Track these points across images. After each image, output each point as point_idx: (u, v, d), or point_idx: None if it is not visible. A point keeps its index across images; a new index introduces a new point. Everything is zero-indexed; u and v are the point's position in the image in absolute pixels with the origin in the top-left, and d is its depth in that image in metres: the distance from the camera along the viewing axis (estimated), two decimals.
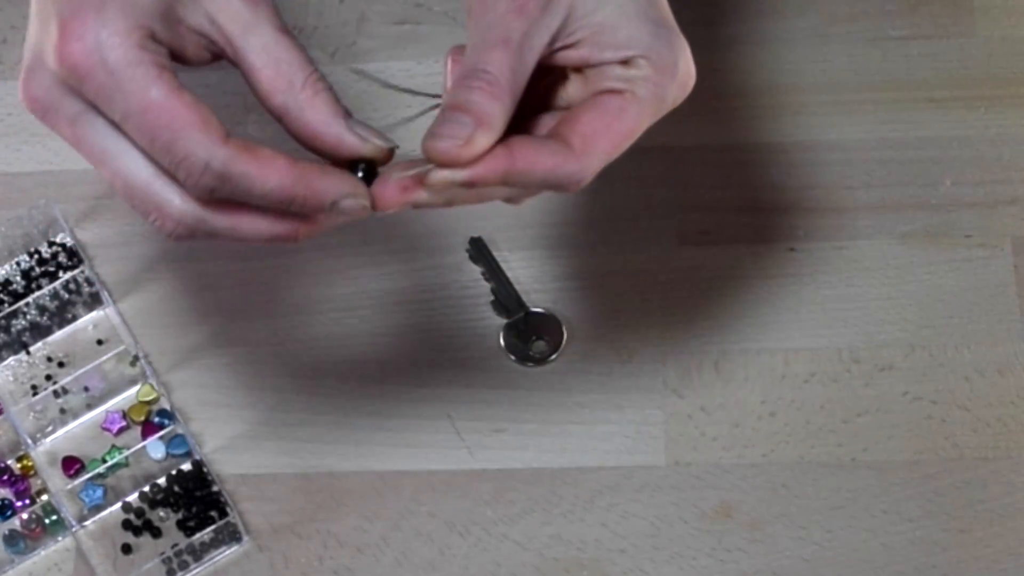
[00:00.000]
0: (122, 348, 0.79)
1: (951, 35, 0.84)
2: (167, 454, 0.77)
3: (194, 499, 0.76)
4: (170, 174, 0.54)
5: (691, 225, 0.80)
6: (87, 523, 0.76)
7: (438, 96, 0.60)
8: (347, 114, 0.57)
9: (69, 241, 0.82)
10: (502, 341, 0.78)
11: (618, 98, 0.57)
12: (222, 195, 0.54)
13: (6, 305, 0.80)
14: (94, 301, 0.81)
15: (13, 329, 0.80)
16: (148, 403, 0.78)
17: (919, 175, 0.81)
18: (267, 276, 0.81)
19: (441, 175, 0.56)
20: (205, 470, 0.76)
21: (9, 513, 0.77)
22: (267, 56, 0.55)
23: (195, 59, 0.57)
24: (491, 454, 0.76)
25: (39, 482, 0.77)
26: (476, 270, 0.79)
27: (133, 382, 0.79)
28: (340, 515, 0.76)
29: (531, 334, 0.78)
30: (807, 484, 0.75)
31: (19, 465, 0.78)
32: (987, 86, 0.82)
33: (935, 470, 0.75)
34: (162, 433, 0.77)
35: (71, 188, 0.83)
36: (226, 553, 0.75)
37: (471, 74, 0.56)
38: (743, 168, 0.81)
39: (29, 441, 0.78)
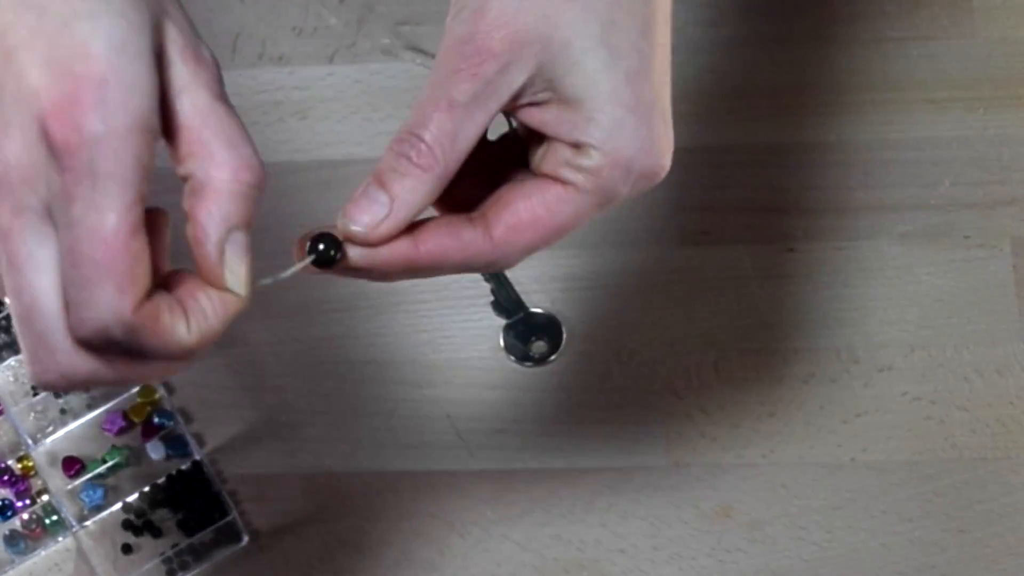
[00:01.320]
0: None
1: (950, 36, 0.84)
2: (167, 454, 0.77)
3: (194, 499, 0.76)
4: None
5: (691, 225, 0.80)
6: (87, 523, 0.76)
7: None
8: (245, 227, 0.50)
9: None
10: (502, 341, 0.78)
11: (558, 189, 0.52)
12: (101, 349, 0.48)
13: (6, 306, 0.80)
14: None
15: (13, 329, 0.80)
16: (148, 403, 0.78)
17: (918, 176, 0.81)
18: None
19: (346, 261, 0.52)
20: (205, 470, 0.76)
21: (9, 513, 0.77)
22: (194, 121, 0.49)
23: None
24: (491, 454, 0.76)
25: (39, 482, 0.77)
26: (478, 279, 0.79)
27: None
28: (340, 515, 0.76)
29: (531, 334, 0.78)
30: (806, 484, 0.75)
31: (19, 465, 0.78)
32: (986, 87, 0.82)
33: (934, 470, 0.75)
34: (162, 433, 0.77)
35: None
36: (226, 553, 0.75)
37: (405, 139, 0.52)
38: (743, 168, 0.81)
39: (29, 441, 0.78)
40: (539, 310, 0.79)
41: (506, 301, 0.77)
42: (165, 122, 0.49)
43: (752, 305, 0.79)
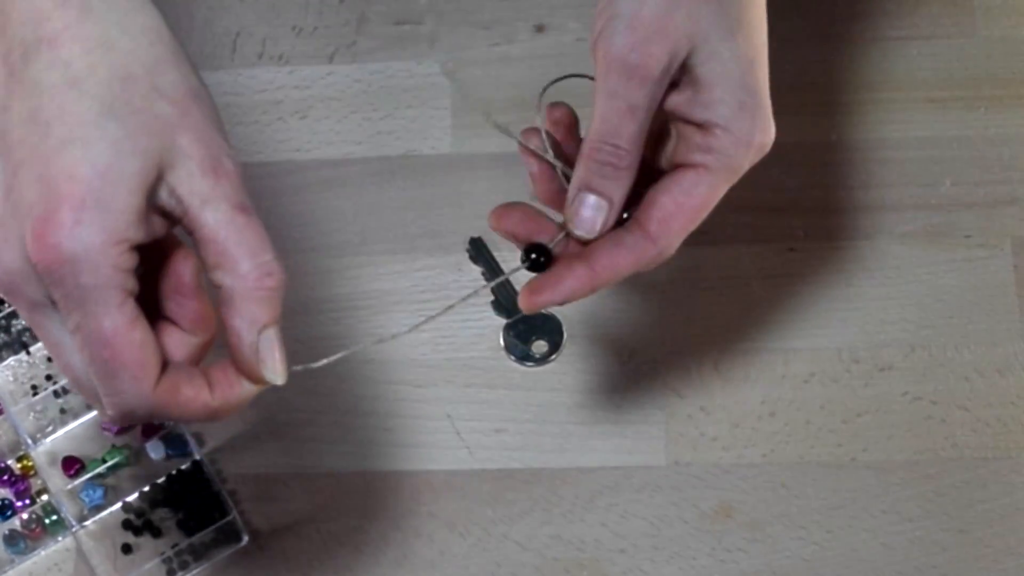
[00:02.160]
0: None
1: (951, 35, 0.84)
2: (167, 454, 0.77)
3: (194, 499, 0.76)
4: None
5: None
6: (87, 523, 0.76)
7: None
8: (272, 324, 0.56)
9: None
10: (502, 341, 0.78)
11: (691, 174, 0.60)
12: (136, 420, 0.55)
13: (6, 305, 0.80)
14: None
15: (13, 329, 0.80)
16: None
17: (919, 175, 0.81)
18: None
19: (531, 302, 0.60)
20: (205, 470, 0.76)
21: (9, 513, 0.77)
22: (219, 233, 0.54)
23: (158, 234, 0.55)
24: (491, 454, 0.76)
25: (39, 482, 0.77)
26: (476, 270, 0.78)
27: None
28: (340, 515, 0.76)
29: (531, 334, 0.78)
30: (807, 484, 0.75)
31: (19, 465, 0.78)
32: (987, 86, 0.82)
33: (935, 470, 0.75)
34: (162, 433, 0.77)
35: None
36: (226, 553, 0.75)
37: (602, 147, 0.59)
38: None
39: (29, 441, 0.78)
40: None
41: (506, 301, 0.77)
42: (193, 233, 0.55)
43: (752, 305, 0.79)
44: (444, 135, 0.83)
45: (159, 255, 0.56)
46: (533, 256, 0.61)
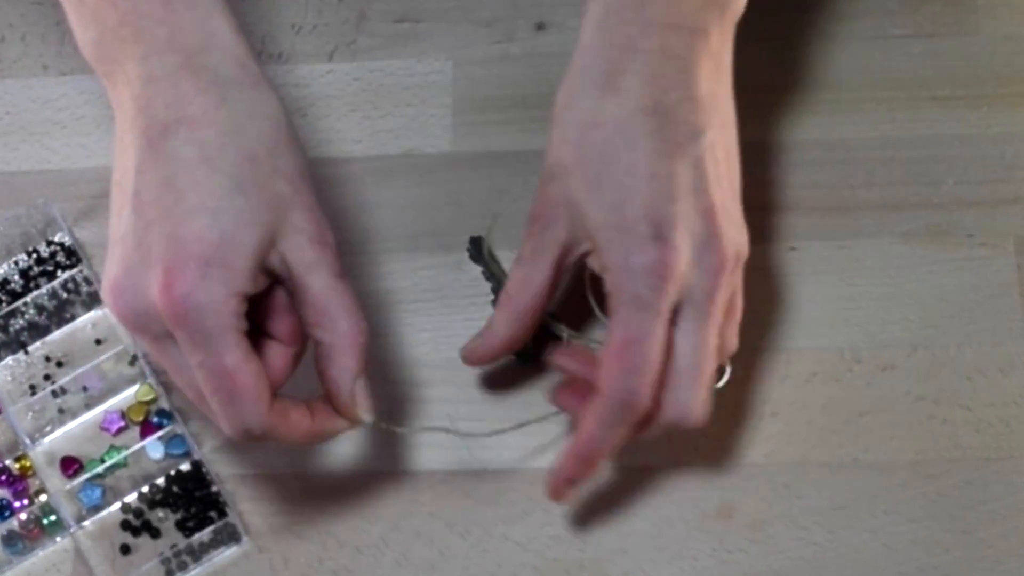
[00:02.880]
0: (121, 348, 0.79)
1: (954, 33, 0.84)
2: (166, 454, 0.77)
3: (193, 499, 0.76)
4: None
5: None
6: (85, 523, 0.76)
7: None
8: (362, 372, 0.67)
9: (67, 240, 0.82)
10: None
11: (610, 320, 0.66)
12: (251, 439, 0.66)
13: (4, 304, 0.80)
14: (92, 300, 0.81)
15: (11, 329, 0.80)
16: (147, 403, 0.78)
17: (921, 174, 0.81)
18: None
19: (554, 491, 0.70)
20: (204, 470, 0.76)
21: (7, 514, 0.76)
22: (321, 296, 0.65)
23: (263, 288, 0.65)
24: (491, 454, 0.76)
25: (37, 482, 0.77)
26: (476, 270, 0.78)
27: (132, 382, 0.79)
28: (340, 515, 0.76)
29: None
30: (808, 484, 0.75)
31: (17, 465, 0.77)
32: (990, 85, 0.82)
33: (937, 470, 0.74)
34: (161, 433, 0.77)
35: (69, 187, 0.83)
36: (225, 554, 0.75)
37: (501, 297, 0.71)
38: (744, 167, 0.80)
39: (27, 441, 0.77)
40: None
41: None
42: (296, 294, 0.65)
43: (754, 304, 0.78)
44: (444, 134, 0.83)
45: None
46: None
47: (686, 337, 0.65)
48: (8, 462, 0.78)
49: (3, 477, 0.77)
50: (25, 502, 0.77)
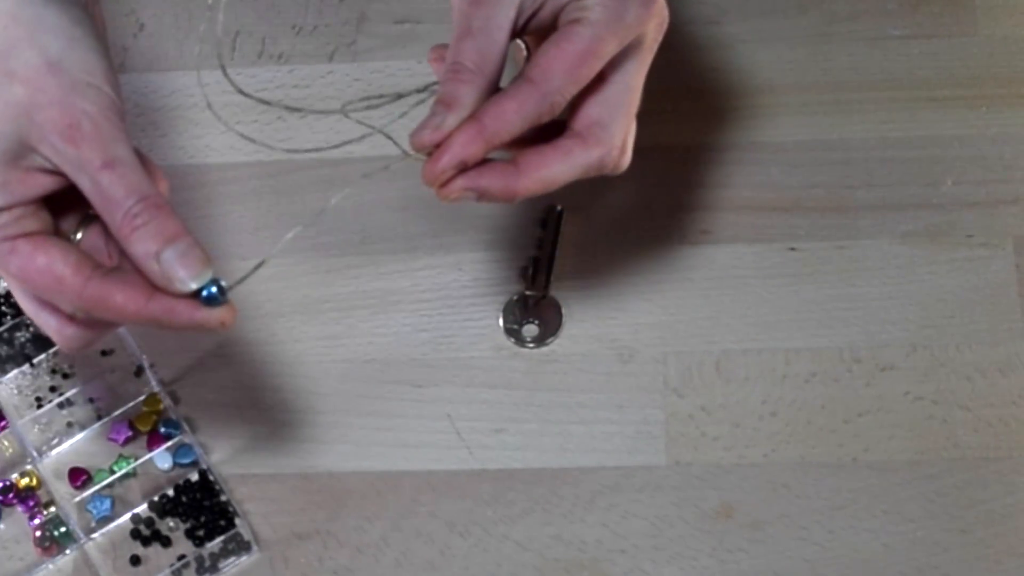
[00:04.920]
0: (127, 358, 0.79)
1: (952, 34, 0.84)
2: (174, 464, 0.77)
3: (202, 508, 0.75)
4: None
5: (691, 225, 0.80)
6: (95, 535, 0.76)
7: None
8: (166, 245, 0.59)
9: None
10: (501, 321, 0.78)
11: (573, 24, 0.61)
12: (100, 328, 0.62)
13: (8, 318, 0.80)
14: None
15: (16, 342, 0.80)
16: (154, 413, 0.78)
17: (920, 174, 0.81)
18: (268, 277, 0.81)
19: (429, 170, 0.62)
20: (212, 479, 0.76)
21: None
22: (93, 194, 0.59)
23: (55, 189, 0.60)
24: (491, 454, 0.76)
25: (46, 494, 0.77)
26: (476, 270, 0.78)
27: (138, 392, 0.79)
28: (340, 515, 0.76)
29: (530, 316, 0.78)
30: (808, 484, 0.75)
31: (23, 482, 0.77)
32: (989, 85, 0.82)
33: (936, 470, 0.74)
34: (169, 444, 0.77)
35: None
36: (236, 562, 0.75)
37: (446, 68, 0.62)
38: (743, 168, 0.81)
39: (35, 454, 0.77)
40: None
41: (539, 275, 0.77)
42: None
43: (753, 304, 0.79)
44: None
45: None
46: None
47: (623, 75, 0.64)
48: (14, 477, 0.77)
49: (10, 495, 0.77)
50: (39, 520, 0.76)
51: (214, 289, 0.59)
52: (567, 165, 0.62)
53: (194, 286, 0.59)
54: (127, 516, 0.76)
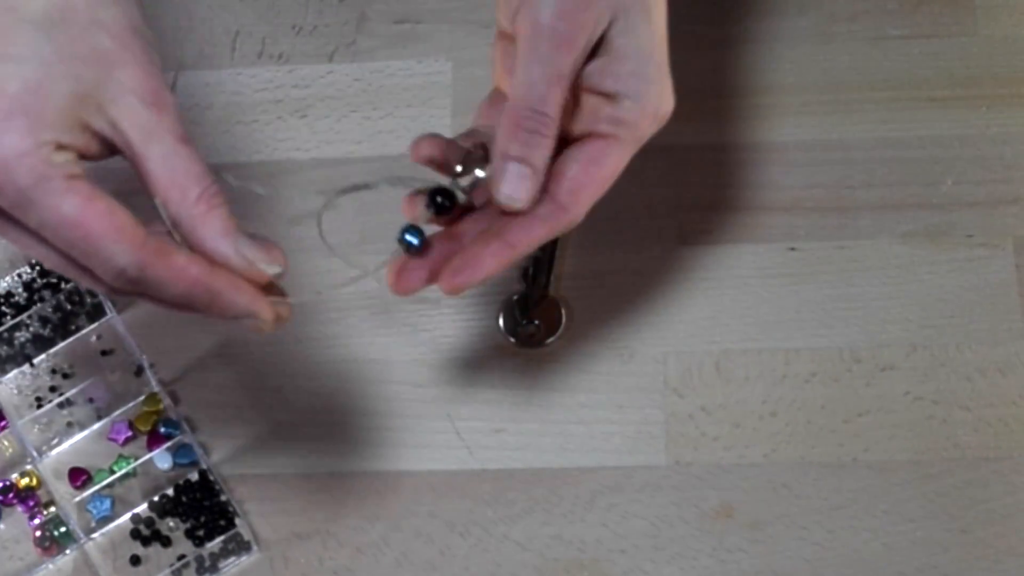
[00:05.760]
0: (127, 358, 0.79)
1: (952, 34, 0.84)
2: (174, 464, 0.77)
3: (202, 508, 0.75)
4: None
5: (691, 225, 0.80)
6: (95, 535, 0.76)
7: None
8: (238, 231, 0.58)
9: None
10: (501, 322, 0.78)
11: (601, 144, 0.61)
12: (137, 293, 0.57)
13: (9, 318, 0.80)
14: (97, 312, 0.80)
15: (16, 342, 0.80)
16: (154, 413, 0.78)
17: (920, 174, 0.81)
18: None
19: (451, 283, 0.61)
20: (212, 479, 0.76)
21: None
22: (164, 166, 0.56)
23: (98, 157, 0.58)
24: (491, 454, 0.76)
25: (46, 494, 0.77)
26: None
27: (138, 392, 0.79)
28: (340, 515, 0.76)
29: (530, 317, 0.78)
30: (808, 484, 0.75)
31: (23, 481, 0.77)
32: (988, 85, 0.82)
33: (936, 470, 0.74)
34: (169, 444, 0.77)
35: None
36: (236, 562, 0.75)
37: (531, 116, 0.60)
38: (743, 168, 0.81)
39: (35, 454, 0.77)
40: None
41: (538, 276, 0.77)
42: (138, 167, 0.57)
43: (753, 304, 0.79)
44: (444, 134, 0.83)
45: None
46: (438, 200, 0.61)
47: (612, 160, 0.62)
48: (14, 477, 0.77)
49: (11, 495, 0.77)
50: (39, 520, 0.76)
51: (415, 240, 0.61)
52: (547, 233, 0.61)
53: (272, 270, 0.58)
54: (127, 516, 0.76)
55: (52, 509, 0.76)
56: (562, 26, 0.59)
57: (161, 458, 0.77)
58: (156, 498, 0.76)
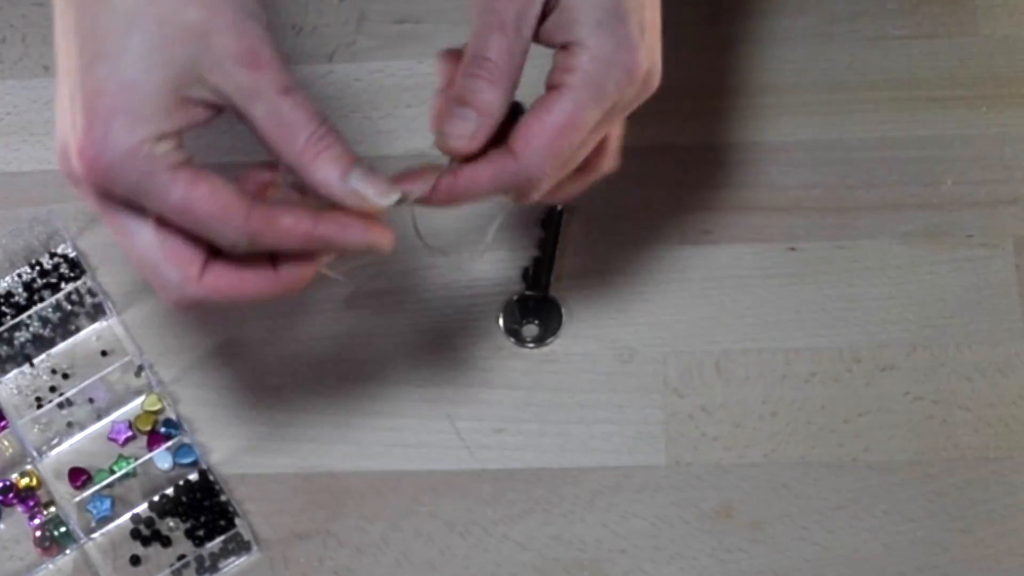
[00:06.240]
0: (127, 359, 0.79)
1: (953, 34, 0.84)
2: (174, 464, 0.77)
3: (202, 509, 0.75)
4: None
5: (691, 225, 0.80)
6: (95, 535, 0.76)
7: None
8: (351, 167, 0.59)
9: (71, 252, 0.81)
10: (501, 321, 0.78)
11: (554, 93, 0.60)
12: (259, 250, 0.60)
13: (8, 318, 0.80)
14: (97, 312, 0.80)
15: (16, 342, 0.80)
16: (154, 413, 0.78)
17: (920, 174, 0.81)
18: None
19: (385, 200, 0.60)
20: (212, 479, 0.76)
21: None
22: (270, 120, 0.58)
23: (208, 121, 0.59)
24: (491, 454, 0.76)
25: (45, 495, 0.77)
26: (476, 270, 0.79)
27: (138, 392, 0.79)
28: (340, 515, 0.76)
29: (530, 315, 0.78)
30: (808, 484, 0.75)
31: (23, 481, 0.77)
32: (989, 85, 0.82)
33: (936, 470, 0.74)
34: (169, 444, 0.77)
35: (70, 188, 0.83)
36: (236, 562, 0.75)
37: (472, 62, 0.61)
38: (743, 168, 0.81)
39: (35, 454, 0.77)
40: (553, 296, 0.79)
41: (539, 276, 0.77)
42: (246, 123, 0.58)
43: (753, 304, 0.79)
44: None
45: None
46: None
47: (594, 136, 0.63)
48: (14, 477, 0.77)
49: (11, 494, 0.77)
50: (39, 520, 0.76)
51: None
52: (492, 176, 0.61)
53: (386, 202, 0.59)
54: (127, 516, 0.76)
55: (52, 509, 0.76)
56: None
57: (161, 458, 0.77)
58: (156, 498, 0.76)
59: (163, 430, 0.78)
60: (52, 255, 0.82)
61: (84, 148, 0.57)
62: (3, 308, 0.80)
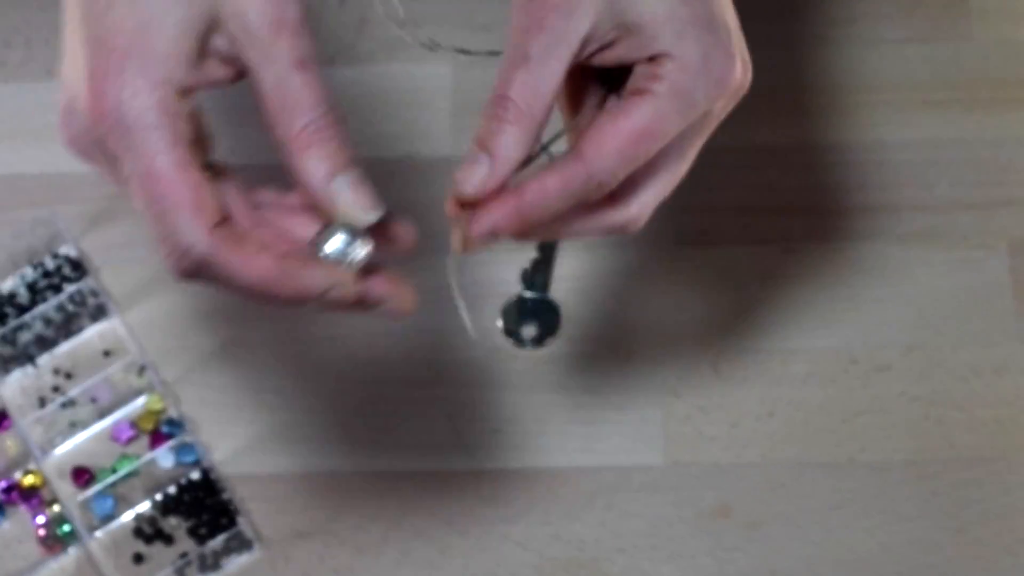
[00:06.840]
0: (129, 359, 0.79)
1: (948, 38, 0.84)
2: (176, 463, 0.77)
3: (204, 507, 0.76)
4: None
5: (690, 225, 0.80)
6: (98, 533, 0.76)
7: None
8: (342, 169, 0.56)
9: (73, 253, 0.82)
10: (499, 322, 0.79)
11: (636, 98, 0.56)
12: (201, 278, 0.55)
13: (12, 318, 0.80)
14: (100, 313, 0.81)
15: (20, 342, 0.80)
16: (156, 412, 0.78)
17: (916, 177, 0.81)
18: None
19: (456, 239, 0.59)
20: (213, 477, 0.76)
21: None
22: (276, 92, 0.55)
23: (224, 81, 0.56)
24: (491, 454, 0.76)
25: (49, 493, 0.77)
26: (476, 270, 0.79)
27: (140, 392, 0.79)
28: (341, 514, 0.76)
29: (529, 317, 0.78)
30: (805, 484, 0.75)
31: (27, 480, 0.77)
32: (984, 89, 0.83)
33: (932, 470, 0.75)
34: (171, 442, 0.77)
35: (73, 191, 0.83)
36: (237, 561, 0.75)
37: (494, 102, 0.56)
38: (742, 169, 0.81)
39: (38, 453, 0.77)
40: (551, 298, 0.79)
41: (537, 276, 0.77)
42: (254, 89, 0.55)
43: (751, 305, 0.79)
44: (444, 137, 0.83)
45: None
46: None
47: (677, 147, 0.59)
48: (18, 476, 0.77)
49: (14, 494, 0.77)
50: (42, 518, 0.77)
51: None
52: (561, 184, 0.57)
53: (365, 218, 0.56)
54: (130, 515, 0.76)
55: (55, 508, 0.77)
56: (532, 7, 0.56)
57: (163, 457, 0.77)
58: (158, 497, 0.76)
59: (165, 429, 0.78)
60: (55, 256, 0.82)
61: (95, 86, 0.53)
62: (6, 309, 0.81)
